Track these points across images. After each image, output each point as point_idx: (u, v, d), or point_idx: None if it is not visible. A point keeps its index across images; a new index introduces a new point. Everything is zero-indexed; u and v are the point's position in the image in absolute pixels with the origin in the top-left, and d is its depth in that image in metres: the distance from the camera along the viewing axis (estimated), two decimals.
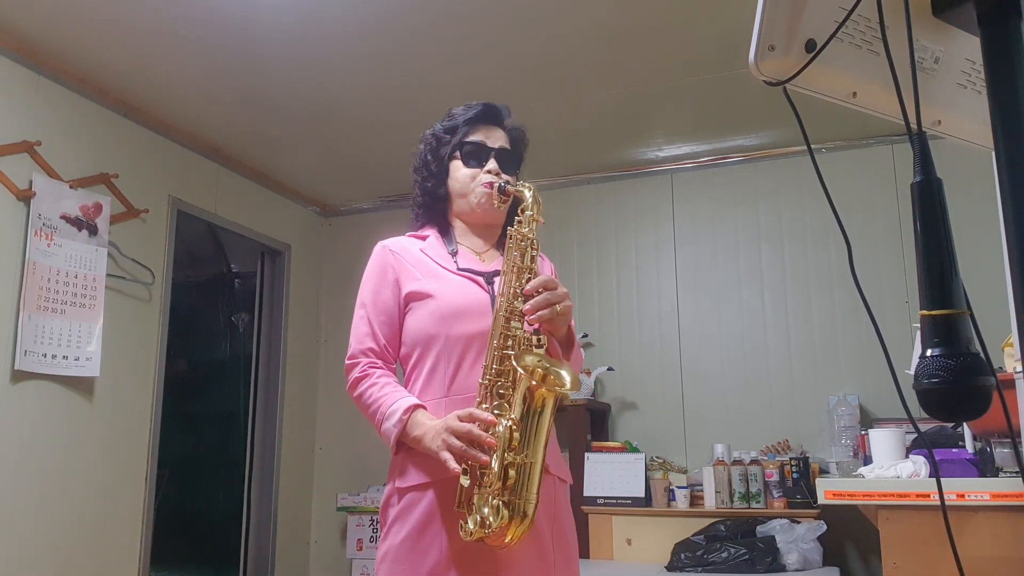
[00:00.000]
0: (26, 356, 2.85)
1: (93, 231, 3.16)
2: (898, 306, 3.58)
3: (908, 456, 2.25)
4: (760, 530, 3.14)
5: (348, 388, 1.58)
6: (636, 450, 3.69)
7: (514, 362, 1.38)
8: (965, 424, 2.25)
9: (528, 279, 1.47)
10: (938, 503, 1.99)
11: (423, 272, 1.58)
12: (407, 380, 1.58)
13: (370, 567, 3.96)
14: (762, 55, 0.75)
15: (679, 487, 3.49)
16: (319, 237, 4.81)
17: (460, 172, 1.64)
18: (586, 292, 4.18)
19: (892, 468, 2.16)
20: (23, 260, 2.88)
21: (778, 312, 3.86)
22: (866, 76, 0.80)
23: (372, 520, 4.11)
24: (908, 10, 0.75)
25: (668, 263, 4.10)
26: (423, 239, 1.66)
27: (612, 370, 3.97)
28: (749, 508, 3.33)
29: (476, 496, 1.36)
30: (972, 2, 0.75)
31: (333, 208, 4.80)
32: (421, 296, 1.56)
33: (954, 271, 0.69)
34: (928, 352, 0.67)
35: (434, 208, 1.68)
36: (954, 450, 2.26)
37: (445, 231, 1.67)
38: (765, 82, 0.78)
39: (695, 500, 3.47)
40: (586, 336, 4.07)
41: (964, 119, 0.87)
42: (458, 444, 1.36)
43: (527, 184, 1.58)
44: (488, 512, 1.33)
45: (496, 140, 1.66)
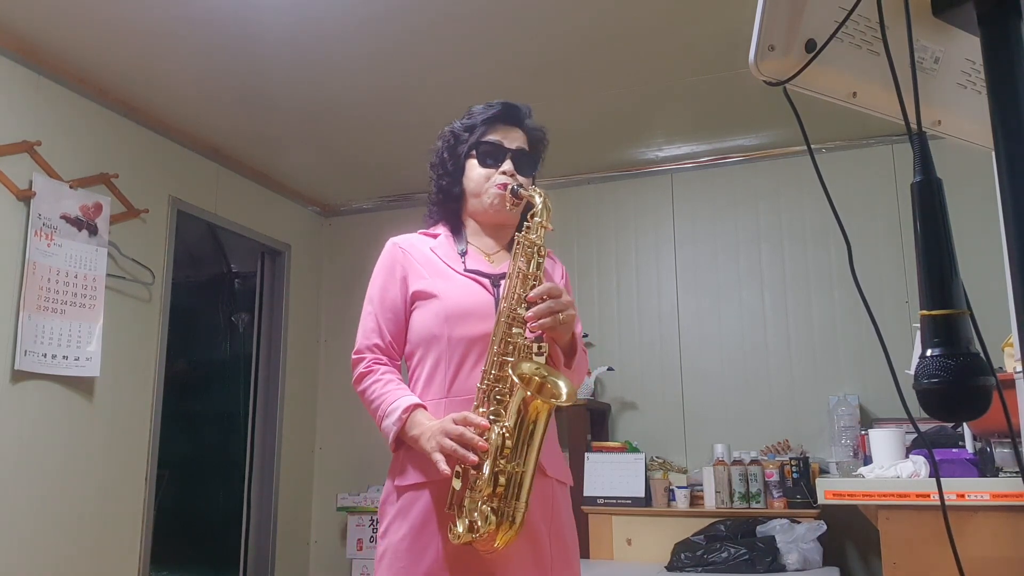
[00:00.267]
0: (26, 356, 2.85)
1: (93, 231, 3.16)
2: (898, 306, 3.58)
3: (908, 456, 2.25)
4: (760, 530, 3.14)
5: (353, 382, 1.59)
6: (636, 450, 3.69)
7: (510, 371, 1.38)
8: (965, 424, 2.25)
9: (533, 286, 1.46)
10: (938, 503, 1.99)
11: (430, 271, 1.58)
12: (411, 378, 1.59)
13: (370, 567, 3.96)
14: (762, 55, 0.75)
15: (679, 487, 3.49)
16: (319, 237, 4.81)
17: (475, 172, 1.63)
18: (586, 292, 4.18)
19: (892, 468, 2.16)
20: (23, 260, 2.88)
21: (778, 312, 3.86)
22: (866, 76, 0.80)
23: (372, 520, 4.11)
24: (908, 10, 0.75)
25: (668, 263, 4.10)
26: (434, 237, 1.66)
27: (612, 370, 3.97)
28: (749, 508, 3.33)
29: (467, 500, 1.37)
30: (972, 2, 0.75)
31: (333, 208, 4.79)
32: (426, 295, 1.56)
33: (954, 271, 0.69)
34: (928, 352, 0.67)
35: (448, 206, 1.68)
36: (954, 450, 2.26)
37: (457, 230, 1.67)
38: (765, 82, 0.77)
39: (695, 500, 3.47)
40: (586, 336, 4.06)
41: (964, 119, 0.87)
42: (450, 444, 1.36)
43: (539, 190, 1.56)
44: (477, 517, 1.33)
45: (514, 141, 1.64)
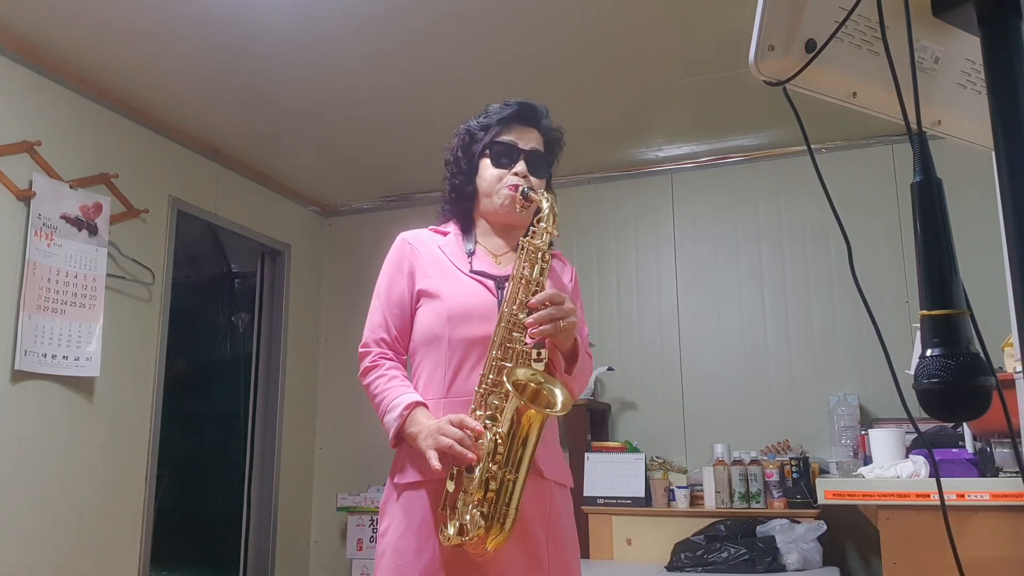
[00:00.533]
0: (26, 356, 2.85)
1: (93, 231, 3.16)
2: (898, 306, 3.58)
3: (908, 456, 2.25)
4: (760, 530, 3.14)
5: (359, 375, 1.60)
6: (636, 450, 3.69)
7: (504, 378, 1.36)
8: (965, 424, 2.25)
9: (535, 292, 1.45)
10: (938, 503, 1.99)
11: (436, 270, 1.59)
12: (414, 376, 1.59)
13: (370, 567, 3.96)
14: (762, 55, 0.75)
15: (679, 487, 3.49)
16: (319, 237, 4.80)
17: (488, 171, 1.62)
18: (586, 292, 4.17)
19: (892, 468, 2.16)
20: (23, 260, 2.88)
21: (778, 312, 3.86)
22: (866, 76, 0.80)
23: (372, 520, 4.11)
24: (908, 10, 0.75)
25: (668, 263, 4.10)
26: (443, 235, 1.66)
27: (612, 370, 3.97)
28: (749, 508, 3.33)
29: (459, 502, 1.37)
30: (972, 2, 0.74)
31: (333, 208, 4.79)
32: (430, 295, 1.56)
33: (954, 271, 0.69)
34: (928, 352, 0.67)
35: (460, 205, 1.68)
36: (954, 450, 2.26)
37: (467, 229, 1.66)
38: (765, 82, 0.77)
39: (695, 500, 3.47)
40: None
41: (964, 119, 0.87)
42: (446, 442, 1.36)
43: (547, 195, 1.55)
44: (468, 520, 1.34)
45: (528, 141, 1.64)
